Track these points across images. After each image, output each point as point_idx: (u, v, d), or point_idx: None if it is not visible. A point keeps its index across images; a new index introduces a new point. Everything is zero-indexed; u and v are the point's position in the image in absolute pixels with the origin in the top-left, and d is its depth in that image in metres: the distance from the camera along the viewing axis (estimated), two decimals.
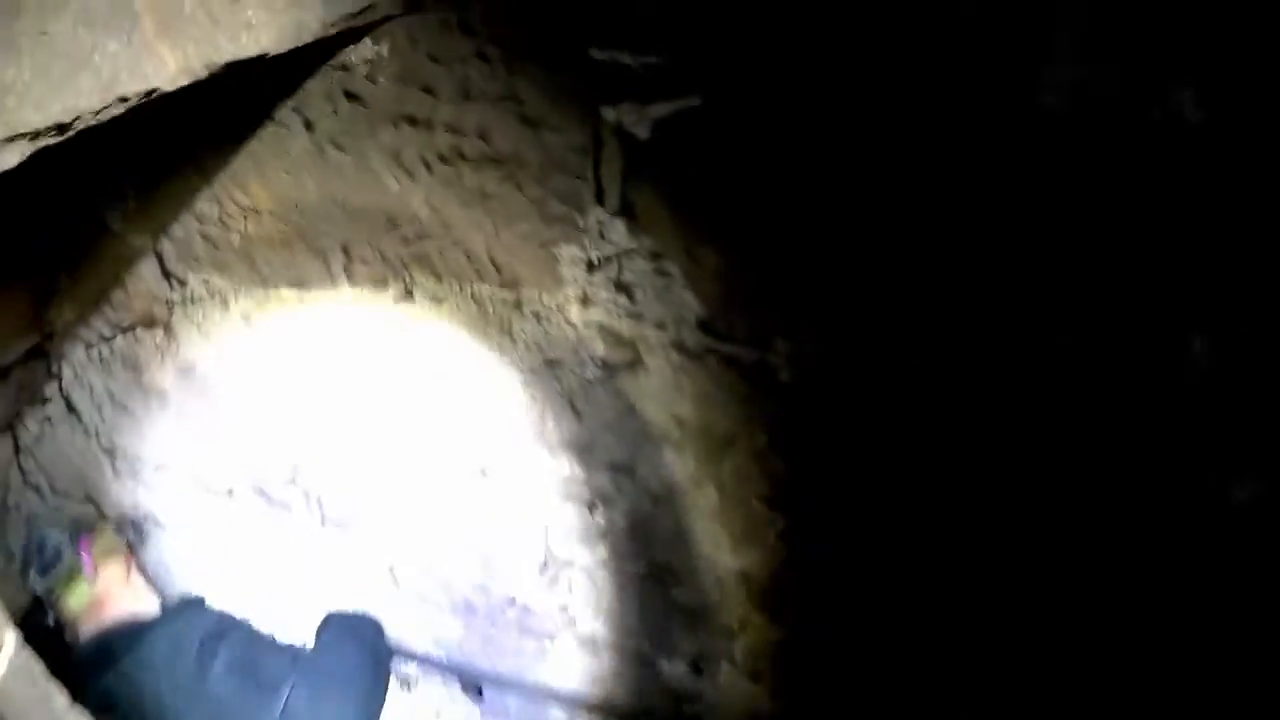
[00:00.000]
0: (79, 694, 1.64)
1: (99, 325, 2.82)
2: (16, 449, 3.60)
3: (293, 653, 1.91)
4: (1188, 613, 1.49)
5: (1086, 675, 1.63)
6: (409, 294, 1.95)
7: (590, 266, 1.75)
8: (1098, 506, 1.52)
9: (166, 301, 2.52)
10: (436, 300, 1.92)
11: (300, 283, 2.13)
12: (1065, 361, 1.46)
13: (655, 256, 1.69)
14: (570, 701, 2.47)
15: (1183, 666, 1.52)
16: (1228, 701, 1.50)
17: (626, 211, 1.69)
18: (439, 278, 1.90)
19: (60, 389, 3.18)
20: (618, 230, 1.70)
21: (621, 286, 1.74)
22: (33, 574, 2.12)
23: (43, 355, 3.09)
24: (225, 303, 2.33)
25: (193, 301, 2.42)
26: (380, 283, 1.98)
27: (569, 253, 1.75)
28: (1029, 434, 1.55)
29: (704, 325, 1.72)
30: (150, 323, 2.63)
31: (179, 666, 1.78)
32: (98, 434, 3.17)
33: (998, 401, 1.56)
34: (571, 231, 1.73)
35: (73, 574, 2.13)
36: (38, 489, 3.79)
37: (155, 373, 2.69)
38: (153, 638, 1.88)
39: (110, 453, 3.20)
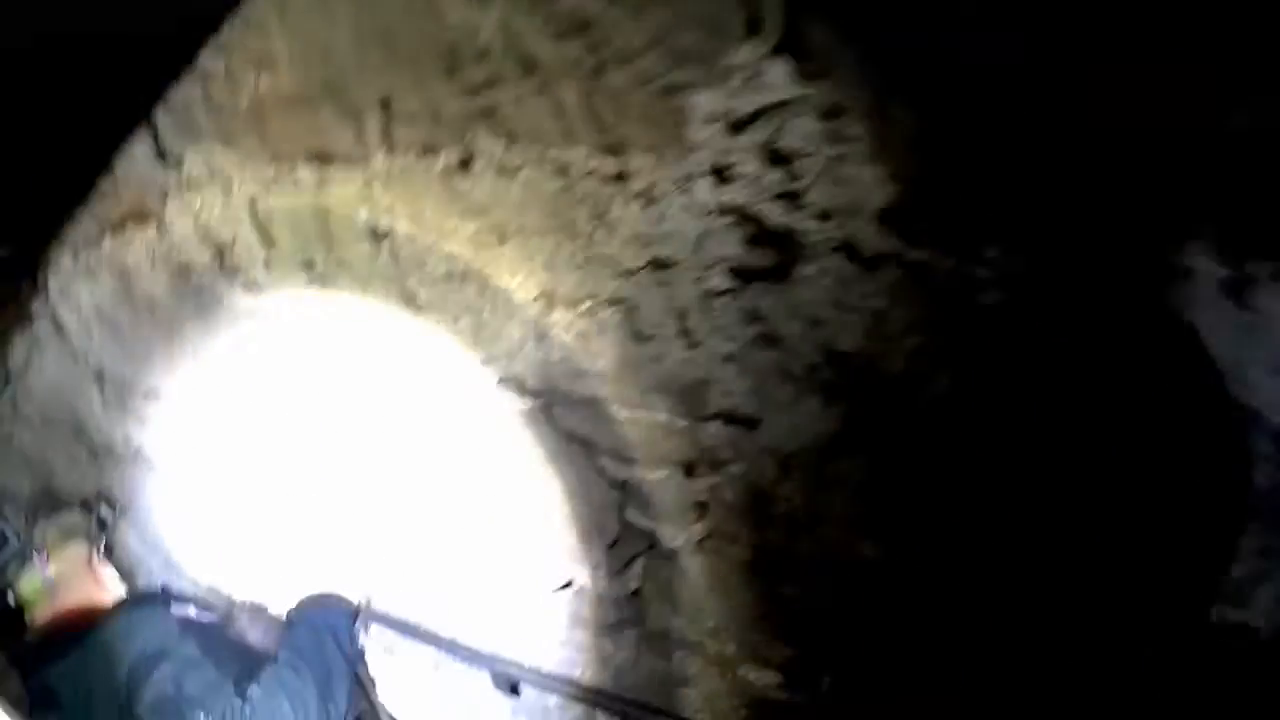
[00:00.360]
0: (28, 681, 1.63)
1: (86, 224, 2.35)
2: (6, 376, 3.16)
3: (226, 700, 1.60)
4: None
5: None
6: (466, 162, 1.44)
7: (734, 126, 1.22)
8: None
9: (160, 190, 2.03)
10: (504, 171, 1.40)
11: (323, 155, 1.62)
12: None
13: (830, 114, 1.17)
14: (626, 707, 1.97)
15: None
16: None
17: (793, 46, 1.16)
18: (512, 139, 1.38)
19: (47, 304, 2.72)
20: (778, 74, 1.17)
21: (777, 156, 1.22)
22: None
23: (24, 264, 2.63)
24: (228, 187, 1.83)
25: (190, 187, 1.93)
26: (429, 148, 1.47)
27: (705, 105, 1.23)
28: None
29: (888, 217, 1.19)
30: (142, 217, 2.14)
31: (113, 679, 1.59)
32: (86, 357, 2.71)
33: None
34: (709, 75, 1.21)
35: (23, 559, 1.96)
36: (29, 421, 3.35)
37: (146, 280, 2.21)
38: (96, 639, 1.70)
39: (99, 378, 2.74)
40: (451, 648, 2.17)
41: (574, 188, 1.35)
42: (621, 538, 1.71)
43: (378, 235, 1.63)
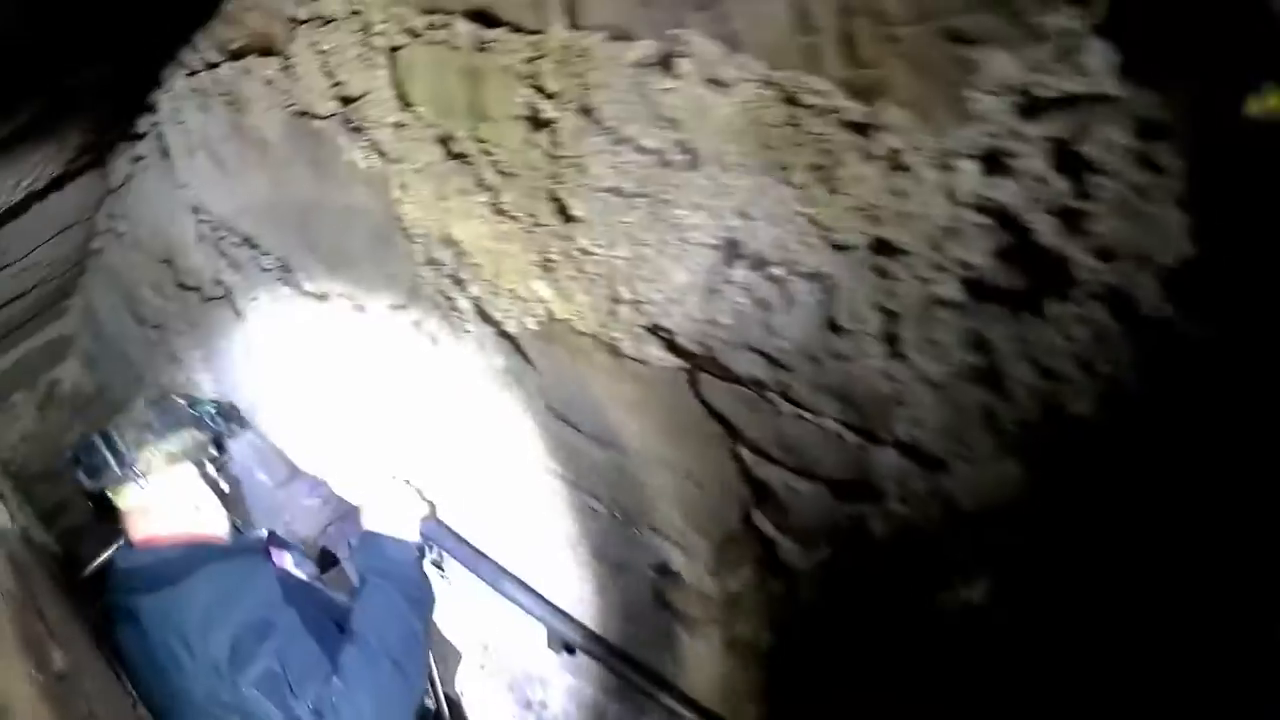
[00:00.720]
0: (106, 592, 1.77)
1: (204, 47, 2.12)
2: (106, 191, 3.04)
3: (321, 686, 1.60)
4: None
5: None
6: (667, 60, 1.14)
7: (1027, 107, 0.90)
8: None
9: (289, 21, 1.78)
10: (714, 82, 1.10)
11: (489, 13, 1.34)
12: None
13: (1148, 132, 0.84)
14: (685, 707, 1.78)
15: None
16: None
17: (1124, 35, 0.83)
18: (733, 46, 1.07)
19: (156, 123, 2.54)
20: (1098, 59, 0.84)
21: (1071, 161, 0.89)
22: (81, 474, 1.96)
23: (136, 78, 2.43)
24: (368, 30, 1.57)
25: (323, 24, 1.68)
26: (622, 33, 1.17)
27: (997, 67, 0.90)
28: None
29: (1176, 278, 0.87)
30: (265, 49, 1.90)
31: (213, 640, 1.59)
32: (187, 185, 2.55)
33: None
34: (1012, 29, 0.88)
35: (121, 479, 1.92)
36: (121, 240, 3.25)
37: (260, 117, 1.99)
38: (193, 585, 1.68)
39: (196, 210, 2.58)
40: (512, 591, 2.01)
41: (800, 125, 1.04)
42: (738, 538, 1.47)
43: (538, 123, 1.35)
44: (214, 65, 2.06)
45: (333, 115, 1.78)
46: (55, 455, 4.46)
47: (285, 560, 2.00)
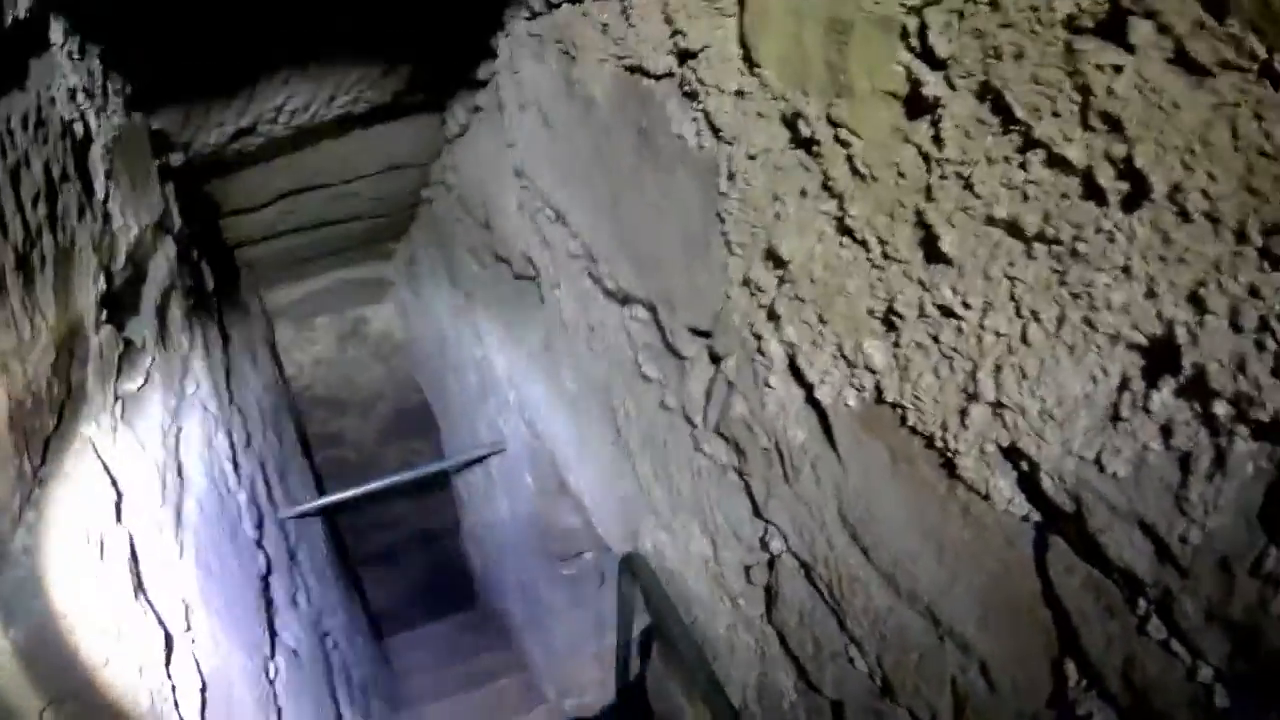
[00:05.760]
0: None
1: None
2: (445, 139, 3.22)
3: None
4: None
5: None
6: (1116, 20, 0.79)
7: None
8: None
9: None
10: (1180, 62, 0.73)
11: None
12: None
13: None
14: None
15: None
16: None
17: None
18: (1216, 9, 0.70)
19: (494, 71, 2.60)
20: None
21: None
22: None
23: (482, 13, 2.48)
24: None
25: None
26: None
27: None
28: None
29: None
30: None
31: None
32: (515, 144, 2.57)
33: None
34: None
35: None
36: (449, 192, 3.45)
37: (589, 69, 1.89)
38: None
39: (519, 175, 2.59)
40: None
41: None
42: None
43: (915, 105, 1.05)
44: (554, 6, 2.00)
45: (667, 74, 1.61)
46: (343, 386, 5.13)
47: None
